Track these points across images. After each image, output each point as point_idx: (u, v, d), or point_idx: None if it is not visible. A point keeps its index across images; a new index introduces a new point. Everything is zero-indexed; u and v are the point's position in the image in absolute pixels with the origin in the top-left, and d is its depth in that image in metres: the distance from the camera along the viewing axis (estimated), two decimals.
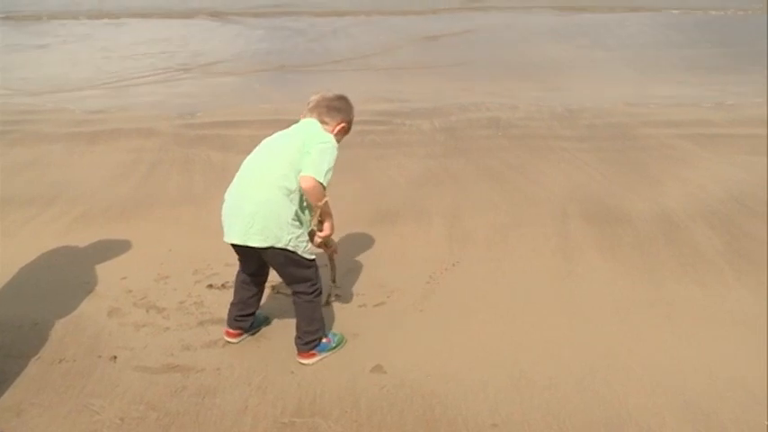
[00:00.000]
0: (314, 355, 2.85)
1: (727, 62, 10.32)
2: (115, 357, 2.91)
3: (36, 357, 2.90)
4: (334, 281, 3.34)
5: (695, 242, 4.01)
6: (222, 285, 3.50)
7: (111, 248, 3.96)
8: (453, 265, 3.78)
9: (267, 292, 3.24)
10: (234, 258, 2.93)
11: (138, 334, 3.11)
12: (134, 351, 2.96)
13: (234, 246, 2.76)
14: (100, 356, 2.91)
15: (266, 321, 3.17)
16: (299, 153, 2.64)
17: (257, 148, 2.83)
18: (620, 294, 3.41)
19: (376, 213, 4.53)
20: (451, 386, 2.68)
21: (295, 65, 10.61)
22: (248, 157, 2.81)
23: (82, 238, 4.11)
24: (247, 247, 2.69)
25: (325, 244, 2.98)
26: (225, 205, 2.77)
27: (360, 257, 3.88)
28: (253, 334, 3.08)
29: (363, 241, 4.08)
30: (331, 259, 3.22)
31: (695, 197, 4.73)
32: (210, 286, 3.54)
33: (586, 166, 5.49)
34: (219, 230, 2.79)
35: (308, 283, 2.80)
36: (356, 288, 3.51)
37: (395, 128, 6.75)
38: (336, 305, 3.34)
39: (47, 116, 7.36)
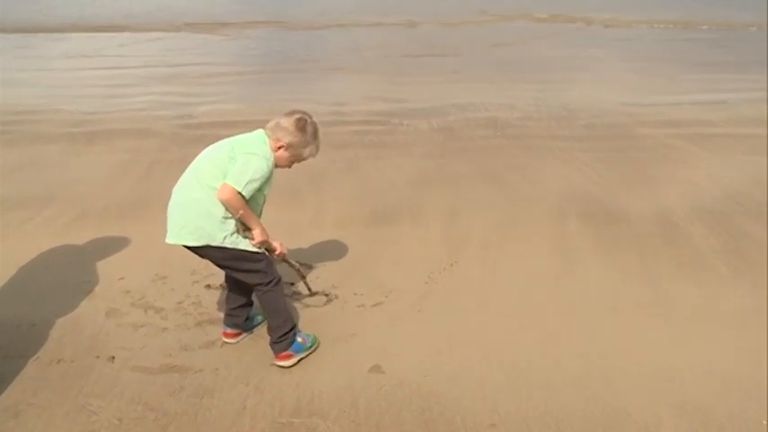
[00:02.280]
0: (291, 355, 2.84)
1: (726, 64, 10.33)
2: (113, 358, 2.90)
3: (34, 358, 2.90)
4: (303, 277, 3.29)
5: (692, 242, 4.01)
6: (220, 285, 3.49)
7: (109, 248, 3.96)
8: (451, 265, 3.78)
9: None
10: None
11: (136, 334, 3.11)
12: (132, 351, 2.96)
13: (186, 247, 2.71)
14: (98, 357, 2.91)
15: (264, 322, 3.16)
16: (227, 158, 2.65)
17: (204, 150, 2.81)
18: (617, 294, 3.42)
19: (374, 213, 4.54)
20: (450, 386, 2.68)
21: (294, 68, 10.61)
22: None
23: (80, 238, 4.11)
24: (189, 246, 2.68)
25: (267, 250, 2.81)
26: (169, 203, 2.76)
27: (357, 257, 3.88)
28: (250, 333, 3.08)
29: (361, 241, 4.08)
30: (287, 262, 3.05)
31: (693, 197, 4.74)
32: (208, 286, 3.54)
33: (584, 166, 5.49)
34: None
35: (261, 275, 2.77)
36: (354, 288, 3.51)
37: (393, 128, 6.76)
38: (335, 305, 3.35)
39: (45, 116, 7.36)
